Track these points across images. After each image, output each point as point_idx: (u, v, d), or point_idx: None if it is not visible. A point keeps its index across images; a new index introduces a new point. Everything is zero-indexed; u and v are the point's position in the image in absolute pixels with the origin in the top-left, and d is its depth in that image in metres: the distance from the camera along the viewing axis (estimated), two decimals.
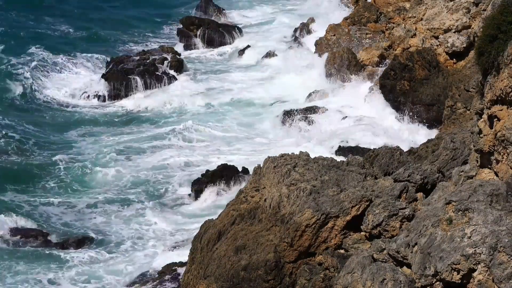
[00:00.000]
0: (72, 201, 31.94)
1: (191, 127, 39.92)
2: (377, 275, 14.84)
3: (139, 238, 28.89)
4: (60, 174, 34.18)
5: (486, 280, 13.42)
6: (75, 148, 37.20)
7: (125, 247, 28.19)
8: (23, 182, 33.13)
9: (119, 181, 33.67)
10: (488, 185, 14.61)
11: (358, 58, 42.40)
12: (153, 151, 36.99)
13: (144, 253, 27.67)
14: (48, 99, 44.56)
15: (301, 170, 20.41)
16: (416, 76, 38.90)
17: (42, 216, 30.37)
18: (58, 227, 29.67)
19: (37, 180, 33.50)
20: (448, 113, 33.80)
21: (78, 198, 32.23)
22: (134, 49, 53.83)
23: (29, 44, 53.39)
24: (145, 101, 44.64)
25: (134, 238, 28.88)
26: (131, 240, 28.73)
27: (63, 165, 34.96)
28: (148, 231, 29.37)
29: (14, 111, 42.27)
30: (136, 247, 28.17)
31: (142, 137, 38.93)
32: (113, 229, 29.56)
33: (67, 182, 33.51)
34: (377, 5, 47.72)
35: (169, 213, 30.91)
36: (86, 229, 29.59)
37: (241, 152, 36.83)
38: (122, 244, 28.39)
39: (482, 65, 16.27)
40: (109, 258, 27.51)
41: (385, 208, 17.66)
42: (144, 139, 38.72)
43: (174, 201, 32.04)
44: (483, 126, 16.20)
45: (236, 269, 18.94)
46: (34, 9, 62.99)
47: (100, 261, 27.25)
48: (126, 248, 28.10)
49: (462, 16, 40.15)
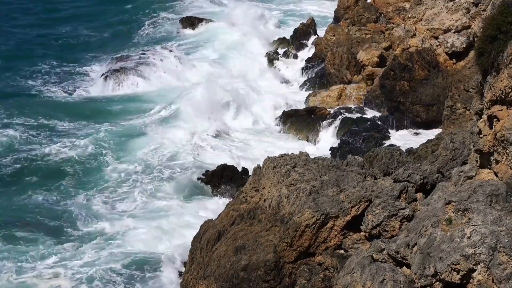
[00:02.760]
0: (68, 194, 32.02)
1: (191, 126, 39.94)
2: (377, 275, 14.85)
3: (139, 238, 28.80)
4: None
5: (485, 280, 13.42)
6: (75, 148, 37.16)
7: (124, 247, 28.08)
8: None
9: (116, 179, 33.61)
10: (488, 185, 14.62)
11: (358, 58, 42.42)
12: (153, 151, 36.92)
13: (144, 253, 27.59)
14: (47, 99, 44.53)
15: (300, 170, 20.43)
16: (415, 76, 38.92)
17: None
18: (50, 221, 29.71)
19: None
20: (447, 113, 33.82)
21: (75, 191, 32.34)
22: (134, 49, 53.82)
23: (29, 44, 53.36)
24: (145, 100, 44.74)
25: (134, 237, 28.79)
26: (131, 240, 28.62)
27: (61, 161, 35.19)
28: (148, 231, 29.29)
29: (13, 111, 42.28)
30: (136, 247, 28.08)
31: (143, 137, 38.86)
32: (108, 228, 29.42)
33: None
34: (377, 5, 47.75)
35: (168, 212, 30.85)
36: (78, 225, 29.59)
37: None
38: (121, 243, 28.27)
39: (482, 66, 16.29)
40: (108, 257, 27.42)
41: (384, 208, 17.67)
42: (144, 139, 38.66)
43: (174, 201, 31.97)
44: (483, 126, 16.21)
45: (235, 269, 18.94)
46: (35, 9, 63.08)
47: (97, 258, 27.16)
48: (126, 248, 27.99)
49: (462, 17, 40.17)
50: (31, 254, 26.63)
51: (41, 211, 30.21)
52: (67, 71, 49.36)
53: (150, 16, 63.85)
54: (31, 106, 42.05)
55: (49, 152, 35.56)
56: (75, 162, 34.90)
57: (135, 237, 28.00)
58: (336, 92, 41.11)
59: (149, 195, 31.81)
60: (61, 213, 30.08)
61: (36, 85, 46.40)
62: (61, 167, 34.47)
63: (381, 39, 43.97)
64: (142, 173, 34.02)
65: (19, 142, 37.15)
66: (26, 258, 26.31)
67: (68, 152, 35.71)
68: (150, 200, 31.45)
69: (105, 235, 28.40)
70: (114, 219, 29.71)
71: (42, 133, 38.48)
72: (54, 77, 47.90)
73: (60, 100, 44.37)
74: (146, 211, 30.62)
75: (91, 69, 49.80)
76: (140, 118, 41.23)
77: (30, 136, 37.91)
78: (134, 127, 39.45)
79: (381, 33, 45.20)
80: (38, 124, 39.76)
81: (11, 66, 49.59)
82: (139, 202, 31.27)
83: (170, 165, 34.94)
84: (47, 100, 44.13)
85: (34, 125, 39.51)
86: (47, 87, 46.19)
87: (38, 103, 43.13)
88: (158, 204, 31.06)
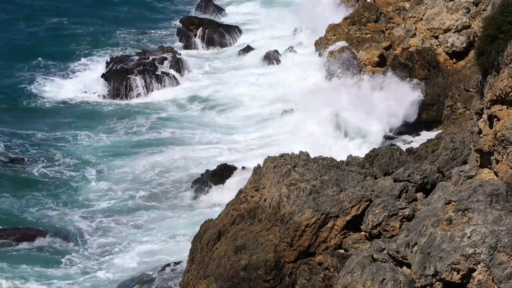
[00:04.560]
0: (71, 199, 31.97)
1: (190, 127, 39.96)
2: (377, 275, 14.85)
3: (139, 237, 28.86)
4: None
5: (486, 280, 13.42)
6: (74, 149, 37.17)
7: (124, 246, 28.13)
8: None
9: (117, 181, 33.63)
10: (488, 185, 14.62)
11: (358, 58, 42.40)
12: (152, 151, 36.96)
13: (143, 253, 27.63)
14: (47, 99, 44.51)
15: (301, 170, 20.44)
16: (416, 76, 38.92)
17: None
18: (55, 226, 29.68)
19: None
20: (448, 113, 33.85)
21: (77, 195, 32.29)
22: (134, 49, 53.81)
23: (29, 44, 53.34)
24: (145, 100, 44.69)
25: (133, 237, 28.85)
26: (130, 239, 28.69)
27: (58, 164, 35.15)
28: (147, 231, 29.33)
29: (14, 111, 42.29)
30: (136, 247, 28.12)
31: (142, 137, 38.90)
32: (110, 228, 29.48)
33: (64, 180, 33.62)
34: (377, 5, 47.71)
35: (168, 213, 30.88)
36: (79, 227, 29.58)
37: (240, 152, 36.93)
38: (120, 243, 28.33)
39: (482, 65, 16.29)
40: (107, 256, 27.48)
41: (385, 208, 17.67)
42: (144, 138, 38.71)
43: (174, 201, 32.00)
44: (483, 126, 16.21)
45: (236, 269, 18.94)
46: (34, 9, 63.08)
47: (98, 260, 27.23)
48: (125, 247, 28.04)
49: (462, 16, 40.18)
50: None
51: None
52: (66, 71, 49.35)
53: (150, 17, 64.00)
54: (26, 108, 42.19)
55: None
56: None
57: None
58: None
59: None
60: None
61: (34, 84, 46.30)
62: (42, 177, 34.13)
63: (381, 39, 43.95)
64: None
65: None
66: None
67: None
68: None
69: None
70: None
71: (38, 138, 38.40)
72: (52, 77, 47.81)
73: (60, 101, 44.41)
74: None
75: (91, 69, 49.77)
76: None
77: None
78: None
79: (381, 32, 45.16)
80: (35, 126, 39.84)
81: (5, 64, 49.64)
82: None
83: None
84: (45, 102, 44.13)
85: (30, 127, 39.56)
86: (44, 87, 46.08)
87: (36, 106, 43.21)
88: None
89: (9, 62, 49.95)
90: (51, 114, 42.40)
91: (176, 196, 32.33)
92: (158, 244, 28.11)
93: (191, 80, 48.03)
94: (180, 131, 39.71)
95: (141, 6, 67.10)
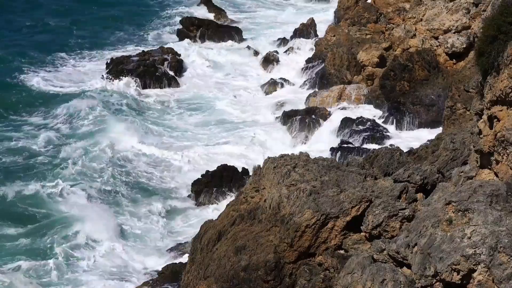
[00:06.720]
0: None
1: (191, 128, 40.00)
2: (377, 276, 14.85)
3: (139, 238, 28.86)
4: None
5: (486, 281, 13.42)
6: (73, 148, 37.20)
7: (123, 246, 28.13)
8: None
9: (117, 181, 33.63)
10: (488, 185, 14.62)
11: (358, 58, 42.43)
12: (152, 150, 36.96)
13: (143, 253, 27.65)
14: (47, 99, 44.53)
15: (301, 170, 20.42)
16: (416, 76, 38.94)
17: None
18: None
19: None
20: (448, 113, 33.82)
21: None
22: (134, 49, 53.82)
23: (28, 44, 53.35)
24: (145, 100, 44.73)
25: (133, 237, 28.86)
26: (130, 239, 28.69)
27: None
28: (147, 231, 29.34)
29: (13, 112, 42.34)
30: (136, 247, 28.13)
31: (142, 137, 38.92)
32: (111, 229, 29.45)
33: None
34: (377, 5, 47.78)
35: (168, 213, 30.89)
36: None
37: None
38: (120, 243, 28.32)
39: (482, 66, 16.29)
40: (107, 256, 27.48)
41: (385, 208, 17.66)
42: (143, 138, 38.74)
43: (173, 201, 32.01)
44: (483, 127, 16.21)
45: (236, 270, 18.93)
46: (33, 8, 63.11)
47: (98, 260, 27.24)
48: (125, 247, 28.04)
49: (462, 17, 40.20)
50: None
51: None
52: (66, 71, 49.36)
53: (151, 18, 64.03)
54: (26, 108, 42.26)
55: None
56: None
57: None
58: (336, 92, 41.12)
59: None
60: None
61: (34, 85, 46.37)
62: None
63: (381, 40, 44.00)
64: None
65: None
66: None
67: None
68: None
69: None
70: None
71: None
72: (52, 78, 47.83)
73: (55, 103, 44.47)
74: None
75: (91, 70, 49.78)
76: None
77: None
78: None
79: (381, 33, 45.23)
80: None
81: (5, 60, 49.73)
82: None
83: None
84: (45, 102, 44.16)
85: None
86: (44, 87, 46.11)
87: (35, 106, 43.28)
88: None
89: (9, 62, 49.99)
90: (49, 113, 42.46)
91: (177, 196, 32.39)
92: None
93: (191, 80, 48.05)
94: (181, 132, 39.71)
95: (141, 6, 67.14)
